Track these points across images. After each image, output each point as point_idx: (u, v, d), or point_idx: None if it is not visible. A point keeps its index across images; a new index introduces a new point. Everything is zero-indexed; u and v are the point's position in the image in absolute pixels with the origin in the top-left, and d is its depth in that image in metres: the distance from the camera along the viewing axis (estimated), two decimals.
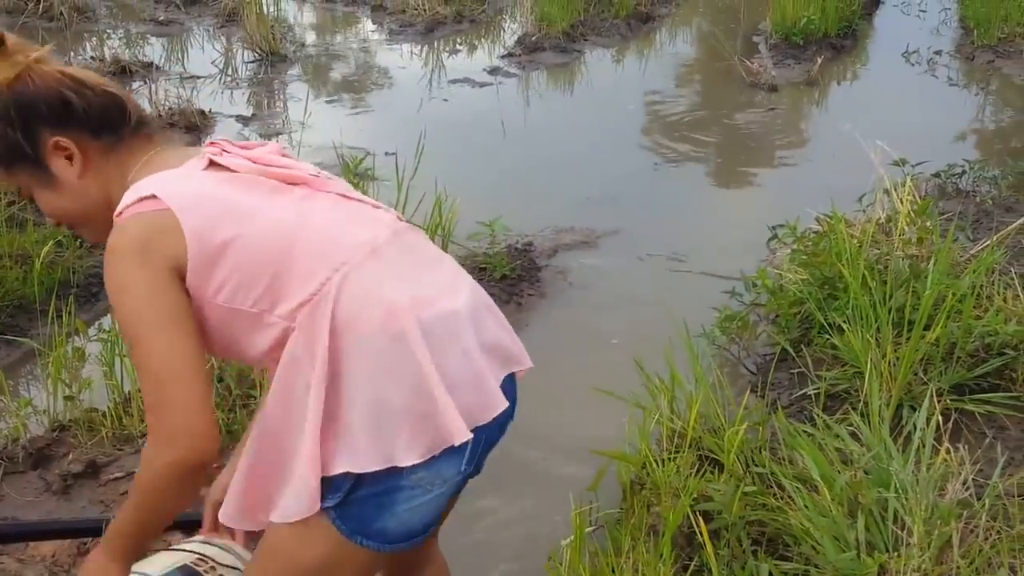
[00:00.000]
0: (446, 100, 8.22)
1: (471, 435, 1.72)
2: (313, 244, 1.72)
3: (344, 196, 1.86)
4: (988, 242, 4.37)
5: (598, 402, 3.44)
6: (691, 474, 2.98)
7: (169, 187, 1.72)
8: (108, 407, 3.55)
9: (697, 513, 2.72)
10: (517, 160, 6.85)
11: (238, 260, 1.69)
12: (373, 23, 10.79)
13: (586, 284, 5.00)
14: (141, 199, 1.70)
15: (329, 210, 1.80)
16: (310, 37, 10.48)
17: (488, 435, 1.83)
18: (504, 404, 1.82)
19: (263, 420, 1.77)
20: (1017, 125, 7.81)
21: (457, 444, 1.70)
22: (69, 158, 1.79)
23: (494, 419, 1.80)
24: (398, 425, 1.68)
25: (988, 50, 9.16)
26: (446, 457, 1.72)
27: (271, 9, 9.88)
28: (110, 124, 1.80)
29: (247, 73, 8.87)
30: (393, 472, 1.69)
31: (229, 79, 8.69)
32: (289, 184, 1.81)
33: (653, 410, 3.32)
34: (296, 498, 1.71)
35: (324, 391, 1.67)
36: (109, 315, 4.45)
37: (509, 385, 1.90)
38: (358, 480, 1.69)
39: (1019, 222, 4.66)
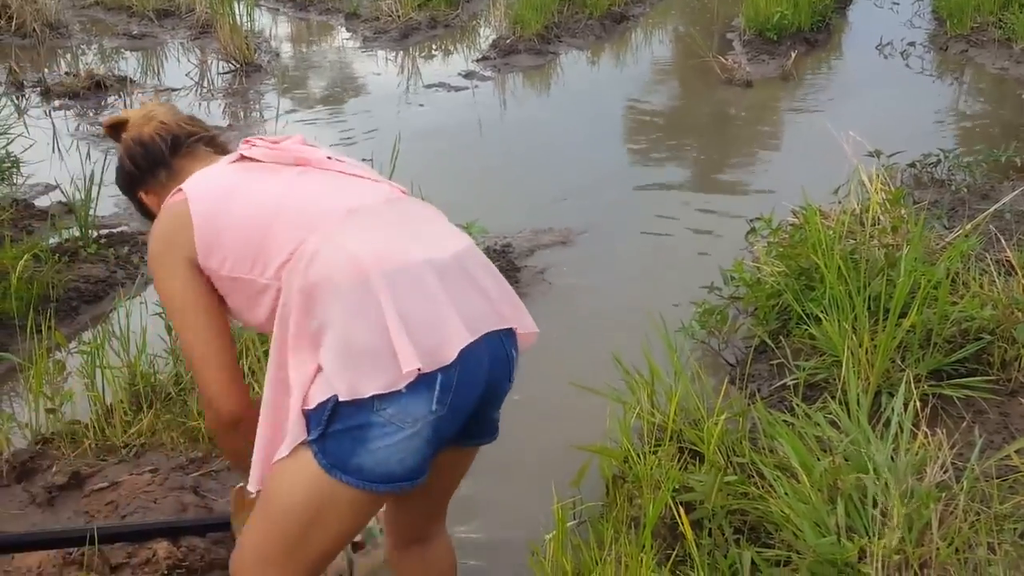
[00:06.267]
0: (422, 105, 8.25)
1: (418, 365, 1.82)
2: (292, 212, 1.99)
3: (343, 173, 2.14)
4: (962, 229, 4.39)
5: (580, 398, 3.46)
6: (672, 466, 2.99)
7: (191, 181, 2.09)
8: (90, 419, 3.55)
9: (679, 504, 2.73)
10: (494, 162, 6.88)
11: (231, 234, 2.00)
12: (347, 31, 10.81)
13: (565, 283, 5.02)
14: (173, 194, 2.10)
15: (318, 183, 2.09)
16: (285, 47, 10.50)
17: (463, 377, 1.90)
18: (463, 341, 1.89)
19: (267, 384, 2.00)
20: (991, 113, 7.86)
21: (404, 371, 1.82)
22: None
23: (480, 371, 1.93)
24: (361, 359, 1.84)
25: (961, 40, 9.24)
26: (412, 394, 1.85)
27: (245, 20, 9.90)
28: (155, 163, 2.26)
29: (222, 84, 8.88)
30: (363, 406, 1.84)
31: (204, 90, 8.71)
32: (292, 165, 2.13)
33: (634, 404, 3.34)
34: (288, 431, 1.91)
35: (298, 325, 1.90)
36: (88, 329, 4.45)
37: (506, 343, 2.03)
38: (333, 414, 1.85)
39: (993, 208, 4.69)
